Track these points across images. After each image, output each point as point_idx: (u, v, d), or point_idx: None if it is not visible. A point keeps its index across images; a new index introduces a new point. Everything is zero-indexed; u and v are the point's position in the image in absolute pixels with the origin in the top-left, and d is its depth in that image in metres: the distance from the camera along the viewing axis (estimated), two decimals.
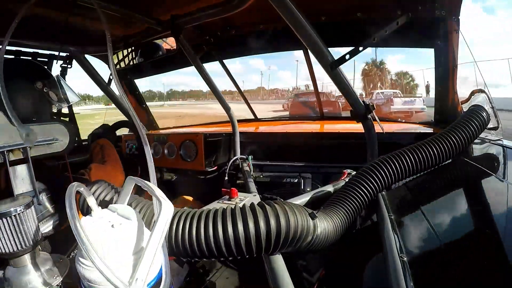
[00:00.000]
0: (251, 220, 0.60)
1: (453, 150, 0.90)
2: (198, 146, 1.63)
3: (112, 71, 0.57)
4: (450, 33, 1.24)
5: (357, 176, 0.87)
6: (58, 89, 1.21)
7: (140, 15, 1.27)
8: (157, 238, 0.40)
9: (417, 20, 1.18)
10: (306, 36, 1.00)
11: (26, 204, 0.48)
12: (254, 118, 2.37)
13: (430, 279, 0.50)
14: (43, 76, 1.16)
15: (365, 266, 0.79)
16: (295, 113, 9.33)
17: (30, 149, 1.06)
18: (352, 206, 0.81)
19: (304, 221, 0.65)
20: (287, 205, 0.66)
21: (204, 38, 1.68)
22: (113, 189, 0.71)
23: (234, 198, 1.02)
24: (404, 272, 0.49)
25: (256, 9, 1.15)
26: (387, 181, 0.86)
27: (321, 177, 1.49)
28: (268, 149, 1.69)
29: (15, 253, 0.47)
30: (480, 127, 0.96)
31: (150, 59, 1.86)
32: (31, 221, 0.49)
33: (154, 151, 1.83)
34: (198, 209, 0.66)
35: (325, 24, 1.40)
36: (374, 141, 1.24)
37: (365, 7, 1.30)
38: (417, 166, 0.87)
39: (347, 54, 1.08)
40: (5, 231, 0.46)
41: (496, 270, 0.48)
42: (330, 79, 1.13)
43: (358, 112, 1.21)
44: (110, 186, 0.71)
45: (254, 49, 1.83)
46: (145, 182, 0.48)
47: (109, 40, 0.58)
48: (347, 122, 1.98)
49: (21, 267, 0.49)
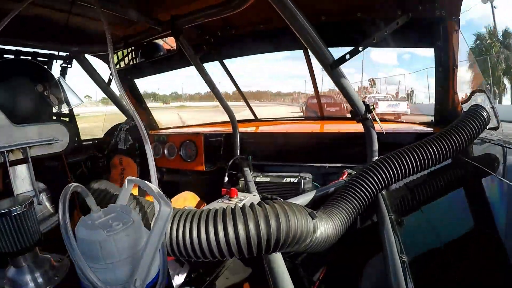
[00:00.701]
0: (251, 220, 0.60)
1: (453, 150, 0.90)
2: (198, 146, 1.63)
3: (112, 71, 0.57)
4: (450, 33, 1.24)
5: (357, 176, 0.87)
6: (59, 91, 1.21)
7: (140, 15, 1.27)
8: (156, 238, 0.40)
9: (417, 20, 1.18)
10: (306, 36, 1.00)
11: (26, 204, 0.48)
12: (254, 118, 2.37)
13: (430, 279, 0.50)
14: (44, 77, 1.16)
15: (365, 266, 0.79)
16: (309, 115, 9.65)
17: (30, 149, 1.06)
18: (352, 206, 0.81)
19: (304, 221, 0.65)
20: (287, 205, 0.66)
21: (204, 38, 1.68)
22: (113, 189, 0.71)
23: (234, 198, 1.02)
24: (404, 272, 0.49)
25: (256, 9, 1.15)
26: (387, 181, 0.85)
27: (321, 177, 1.49)
28: (268, 149, 1.69)
29: (15, 253, 0.47)
30: (480, 127, 0.96)
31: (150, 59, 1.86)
32: (31, 221, 0.49)
33: (154, 151, 1.83)
34: (198, 209, 0.66)
35: (325, 24, 1.40)
36: (374, 141, 1.24)
37: (365, 7, 1.30)
38: (417, 165, 0.87)
39: (347, 54, 1.08)
40: (5, 231, 0.46)
41: (496, 270, 0.48)
42: (330, 79, 1.14)
43: (358, 112, 1.21)
44: (110, 186, 0.71)
45: (254, 49, 1.83)
46: (144, 182, 0.48)
47: (110, 41, 0.58)
48: (347, 122, 1.98)
49: (21, 267, 0.49)
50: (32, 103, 1.12)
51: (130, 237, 0.43)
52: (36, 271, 0.50)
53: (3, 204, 0.47)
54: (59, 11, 1.19)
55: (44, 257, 0.53)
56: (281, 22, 1.01)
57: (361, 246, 0.91)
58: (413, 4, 1.17)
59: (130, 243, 0.42)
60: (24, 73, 1.13)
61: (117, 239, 0.41)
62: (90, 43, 1.58)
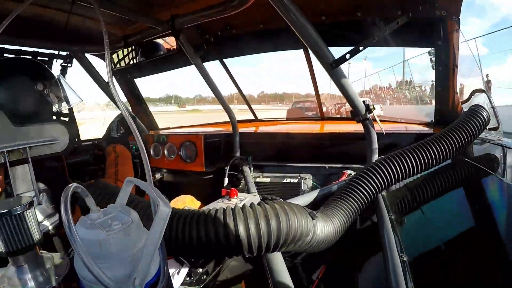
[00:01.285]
0: (251, 219, 0.60)
1: (453, 150, 0.90)
2: (198, 147, 1.63)
3: (108, 70, 0.56)
4: (450, 33, 1.24)
5: (357, 177, 0.87)
6: (59, 89, 1.21)
7: (140, 15, 1.27)
8: (155, 238, 0.40)
9: (417, 20, 1.18)
10: (306, 36, 1.00)
11: (26, 204, 0.48)
12: (254, 119, 2.37)
13: (430, 279, 0.50)
14: (44, 76, 1.15)
15: (364, 265, 0.79)
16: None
17: (30, 149, 1.06)
18: (352, 206, 0.81)
19: (304, 221, 0.65)
20: (287, 205, 0.66)
21: (204, 38, 1.68)
22: (112, 189, 0.71)
23: (234, 198, 1.02)
24: (404, 272, 0.49)
25: (256, 9, 1.15)
26: (387, 181, 0.85)
27: (321, 177, 1.49)
28: (268, 149, 1.69)
29: (15, 252, 0.47)
30: (480, 127, 0.96)
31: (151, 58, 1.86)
32: (31, 221, 0.49)
33: (154, 152, 1.83)
34: (197, 209, 0.66)
35: (325, 24, 1.40)
36: (374, 141, 1.24)
37: (365, 7, 1.30)
38: (417, 166, 0.87)
39: (347, 53, 1.08)
40: (5, 230, 0.46)
41: (496, 269, 0.48)
42: (330, 79, 1.14)
43: (358, 112, 1.21)
44: (109, 186, 0.72)
45: (254, 49, 1.83)
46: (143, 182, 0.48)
47: (107, 43, 0.58)
48: (347, 122, 1.97)
49: (21, 267, 0.49)
50: (32, 102, 1.12)
51: (129, 237, 0.43)
52: (36, 271, 0.50)
53: (3, 204, 0.47)
54: (59, 10, 1.19)
55: (44, 256, 0.53)
56: (281, 22, 1.01)
57: (361, 246, 0.91)
58: (413, 4, 1.17)
59: (129, 242, 0.42)
60: (24, 72, 1.13)
61: (116, 238, 0.41)
62: (91, 42, 1.58)
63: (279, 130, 2.05)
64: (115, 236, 0.41)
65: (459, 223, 0.69)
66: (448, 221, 0.71)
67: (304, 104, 13.32)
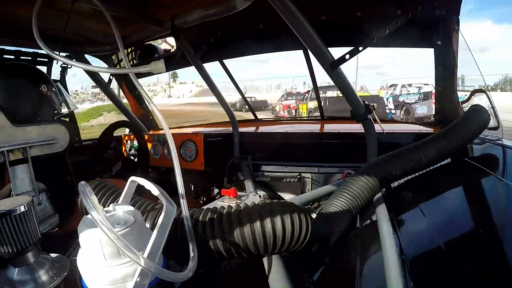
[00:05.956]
0: (251, 220, 0.60)
1: (453, 150, 0.90)
2: (198, 146, 1.63)
3: (126, 65, 0.57)
4: (450, 33, 1.24)
5: (357, 176, 0.86)
6: (59, 93, 1.24)
7: (140, 15, 1.27)
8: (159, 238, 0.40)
9: (417, 20, 1.18)
10: (306, 36, 1.00)
11: (26, 204, 0.48)
12: (254, 118, 2.37)
13: (430, 279, 0.50)
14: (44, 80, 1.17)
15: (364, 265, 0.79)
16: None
17: (30, 149, 1.06)
18: (352, 205, 0.81)
19: (304, 221, 0.65)
20: (287, 204, 0.66)
21: (204, 38, 1.68)
22: (115, 189, 0.71)
23: (234, 198, 1.01)
24: (404, 272, 0.49)
25: (256, 9, 1.15)
26: (387, 181, 0.86)
27: (321, 177, 1.49)
28: (268, 149, 1.69)
29: (15, 253, 0.47)
30: (480, 127, 0.96)
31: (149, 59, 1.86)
32: (31, 221, 0.49)
33: (154, 151, 1.83)
34: (197, 209, 0.66)
35: (325, 24, 1.40)
36: (374, 141, 1.24)
37: (365, 7, 1.30)
38: (417, 165, 0.87)
39: (347, 54, 1.08)
40: (5, 231, 0.46)
41: (496, 270, 0.48)
42: (330, 79, 1.14)
43: (358, 112, 1.21)
44: (113, 186, 0.72)
45: (254, 49, 1.83)
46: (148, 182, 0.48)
47: (121, 44, 0.58)
48: (347, 122, 1.97)
49: (21, 267, 0.49)
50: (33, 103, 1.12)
51: (132, 237, 0.43)
52: (36, 271, 0.50)
53: (3, 204, 0.47)
54: (59, 10, 1.19)
55: (44, 257, 0.53)
56: (281, 22, 1.01)
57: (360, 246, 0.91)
58: (413, 4, 1.17)
59: (132, 242, 0.42)
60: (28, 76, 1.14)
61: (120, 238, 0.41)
62: (90, 43, 1.58)
63: (279, 130, 2.05)
64: (118, 236, 0.41)
65: (459, 223, 0.69)
66: (448, 221, 0.71)
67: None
